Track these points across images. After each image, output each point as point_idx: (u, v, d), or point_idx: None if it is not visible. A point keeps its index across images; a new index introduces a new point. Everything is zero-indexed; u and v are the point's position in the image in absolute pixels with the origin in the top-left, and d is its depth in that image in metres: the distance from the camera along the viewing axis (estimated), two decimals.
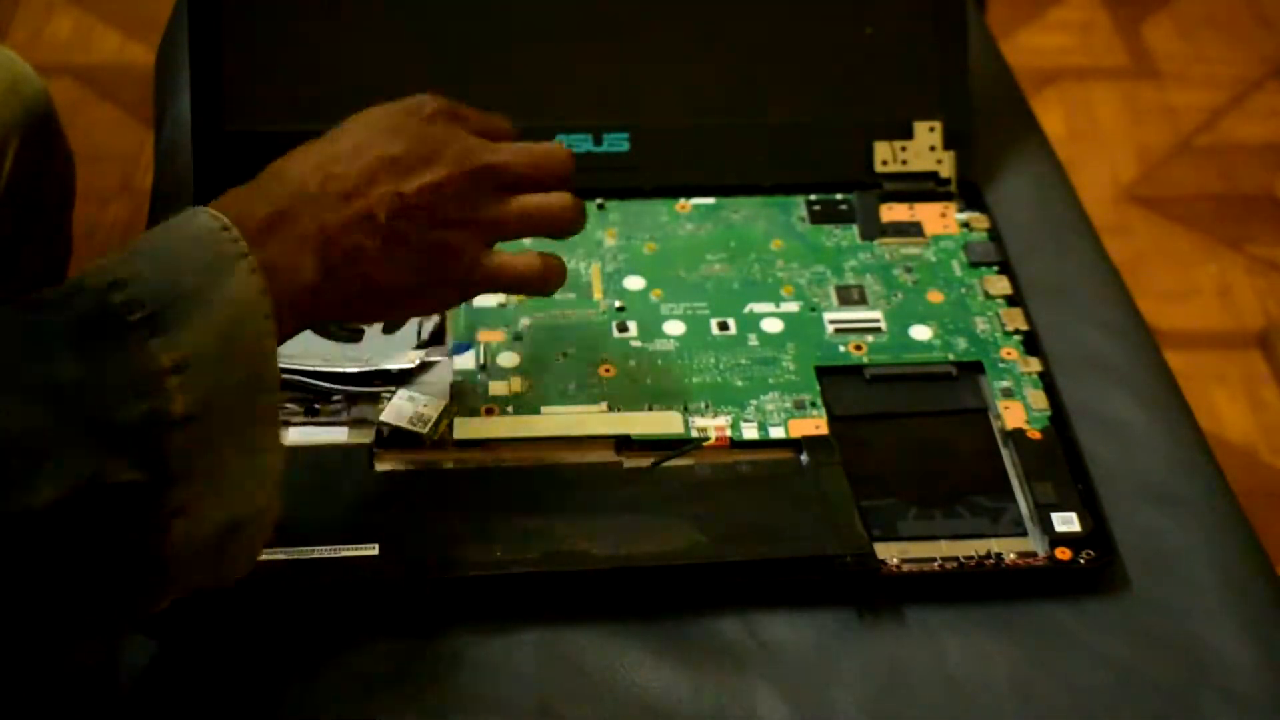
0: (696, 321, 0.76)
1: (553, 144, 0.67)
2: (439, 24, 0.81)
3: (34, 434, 0.47)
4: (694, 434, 0.70)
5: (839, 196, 0.83)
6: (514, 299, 0.76)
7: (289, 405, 0.70)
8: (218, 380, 0.51)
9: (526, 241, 0.67)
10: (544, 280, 0.65)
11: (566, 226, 0.65)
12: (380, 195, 0.59)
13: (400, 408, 0.69)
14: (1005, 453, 0.70)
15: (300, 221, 0.57)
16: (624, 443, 0.69)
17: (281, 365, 0.70)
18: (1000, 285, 0.78)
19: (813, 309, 0.77)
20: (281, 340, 0.56)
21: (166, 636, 0.63)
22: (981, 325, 0.76)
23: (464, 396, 0.71)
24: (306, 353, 0.71)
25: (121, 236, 1.47)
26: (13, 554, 0.47)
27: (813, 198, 0.83)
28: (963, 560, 0.65)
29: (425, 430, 0.69)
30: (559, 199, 0.65)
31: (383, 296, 0.61)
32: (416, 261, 0.60)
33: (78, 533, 0.48)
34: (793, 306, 0.77)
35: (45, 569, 0.48)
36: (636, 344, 0.74)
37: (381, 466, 0.68)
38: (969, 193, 0.84)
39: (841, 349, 0.75)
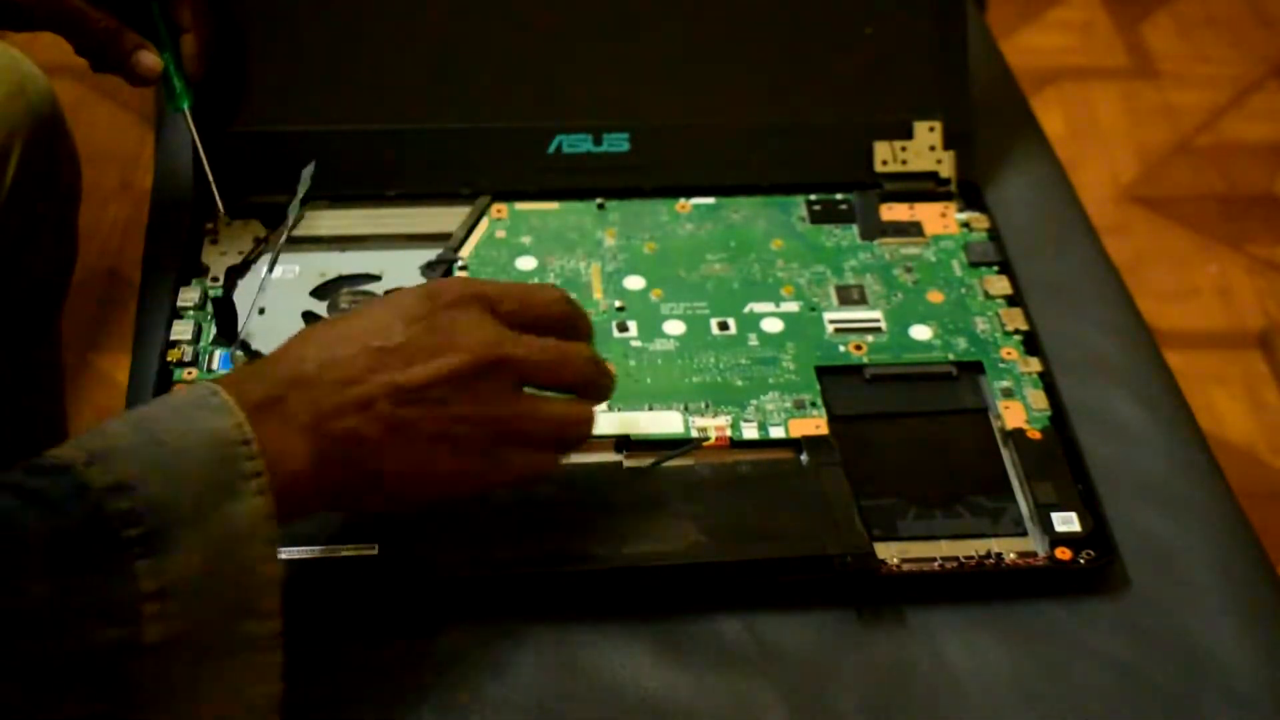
0: (696, 321, 0.76)
1: (578, 345, 0.62)
2: (439, 24, 0.81)
3: None
4: (694, 434, 0.70)
5: (839, 196, 0.83)
6: None
7: None
8: (200, 607, 0.49)
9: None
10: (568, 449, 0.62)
11: (577, 441, 0.62)
12: (382, 383, 0.56)
13: None
14: (1005, 453, 0.70)
15: (293, 405, 0.54)
16: (624, 442, 0.69)
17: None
18: (1000, 285, 0.78)
19: (813, 309, 0.77)
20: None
21: None
22: (981, 325, 0.76)
23: None
24: None
25: (121, 236, 1.48)
26: None
27: (813, 198, 0.83)
28: (963, 560, 0.65)
29: None
30: (578, 412, 0.61)
31: (386, 486, 0.58)
32: (422, 453, 0.57)
33: None
34: (793, 306, 0.77)
35: None
36: (636, 344, 0.74)
37: None
38: (969, 193, 0.84)
39: (841, 349, 0.75)
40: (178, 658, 0.48)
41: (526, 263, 0.78)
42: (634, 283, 0.78)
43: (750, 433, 0.70)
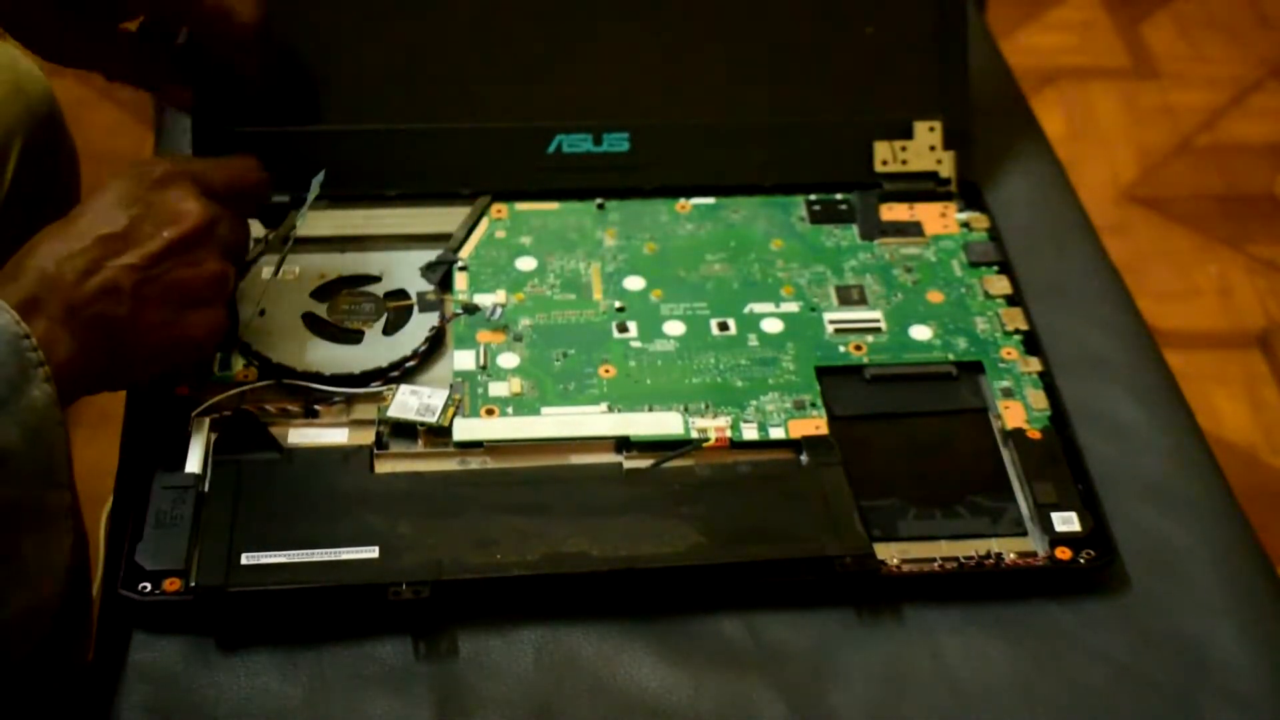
0: (696, 321, 0.76)
1: (249, 161, 0.73)
2: (439, 24, 0.81)
3: None
4: (694, 434, 0.70)
5: (839, 196, 0.83)
6: (513, 299, 0.76)
7: (289, 408, 0.70)
8: (23, 476, 0.56)
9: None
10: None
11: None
12: (119, 266, 0.62)
13: (405, 402, 0.69)
14: (1005, 453, 0.70)
15: (47, 302, 0.60)
16: (624, 444, 0.69)
17: (282, 367, 0.70)
18: (1000, 285, 0.78)
19: (813, 309, 0.77)
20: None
21: (167, 634, 0.63)
22: (981, 325, 0.76)
23: (463, 398, 0.71)
24: (306, 355, 0.71)
25: None
26: None
27: (813, 198, 0.83)
28: (963, 560, 0.65)
29: (434, 420, 0.69)
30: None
31: (148, 354, 0.64)
32: (170, 317, 0.64)
33: None
34: (793, 306, 0.77)
35: None
36: (636, 344, 0.74)
37: (382, 468, 0.68)
38: (969, 193, 0.84)
39: (841, 349, 0.75)
40: (10, 520, 0.56)
41: (526, 263, 0.78)
42: (634, 283, 0.78)
43: (750, 433, 0.70)
